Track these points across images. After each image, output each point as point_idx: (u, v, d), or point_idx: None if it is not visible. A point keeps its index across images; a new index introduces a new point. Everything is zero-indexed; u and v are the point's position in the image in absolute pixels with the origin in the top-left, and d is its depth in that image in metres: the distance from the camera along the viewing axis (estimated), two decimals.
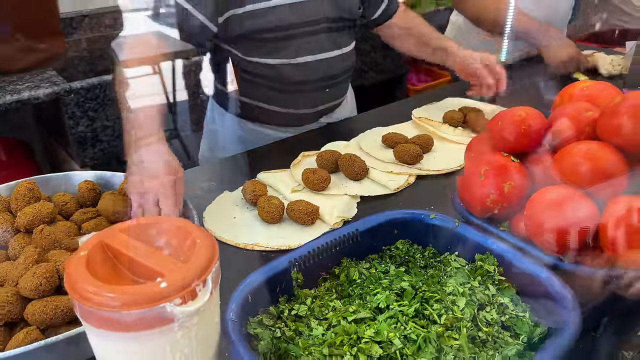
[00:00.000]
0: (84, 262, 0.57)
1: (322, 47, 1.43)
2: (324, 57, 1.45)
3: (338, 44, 1.47)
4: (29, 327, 0.77)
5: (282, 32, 1.36)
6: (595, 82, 0.97)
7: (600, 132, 0.82)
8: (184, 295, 0.55)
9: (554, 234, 0.74)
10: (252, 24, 1.32)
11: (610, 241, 0.73)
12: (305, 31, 1.39)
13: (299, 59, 1.41)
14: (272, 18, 1.33)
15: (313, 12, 1.38)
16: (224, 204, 1.21)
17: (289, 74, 1.43)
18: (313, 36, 1.41)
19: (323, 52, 1.44)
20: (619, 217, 0.74)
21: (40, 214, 0.99)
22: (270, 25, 1.33)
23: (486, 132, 0.92)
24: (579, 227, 0.73)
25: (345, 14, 1.45)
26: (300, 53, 1.41)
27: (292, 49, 1.39)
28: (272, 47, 1.38)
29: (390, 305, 0.69)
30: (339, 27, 1.46)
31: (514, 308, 0.73)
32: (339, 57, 1.49)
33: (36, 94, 1.78)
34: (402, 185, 1.27)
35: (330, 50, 1.46)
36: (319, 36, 1.42)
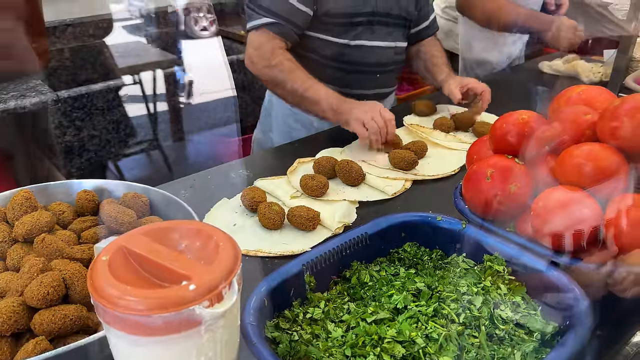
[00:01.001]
0: (107, 266, 0.56)
1: (376, 36, 1.62)
2: (378, 44, 1.63)
3: (393, 37, 1.66)
4: (37, 337, 0.75)
5: (347, 19, 1.55)
6: (591, 86, 1.00)
7: (600, 134, 0.85)
8: (212, 297, 0.55)
9: (560, 233, 0.76)
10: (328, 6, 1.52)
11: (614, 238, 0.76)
12: (366, 20, 1.58)
13: (357, 41, 1.59)
14: (344, 3, 1.53)
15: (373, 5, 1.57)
16: (223, 211, 1.21)
17: (347, 55, 1.60)
18: (370, 25, 1.60)
19: (376, 41, 1.62)
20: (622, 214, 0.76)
21: (39, 223, 0.97)
22: (340, 10, 1.54)
23: (488, 135, 0.94)
24: (584, 226, 0.75)
25: (403, 13, 1.65)
26: (359, 37, 1.59)
27: (352, 33, 1.58)
28: (337, 29, 1.57)
29: (409, 306, 0.69)
30: (393, 23, 1.65)
31: (526, 306, 0.74)
32: (391, 49, 1.67)
33: (22, 103, 1.74)
34: (399, 190, 1.29)
35: (381, 41, 1.64)
36: (374, 26, 1.61)
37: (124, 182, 1.15)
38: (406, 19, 1.69)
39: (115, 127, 2.05)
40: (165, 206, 1.10)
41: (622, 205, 0.77)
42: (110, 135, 2.03)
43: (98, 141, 2.01)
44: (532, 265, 0.77)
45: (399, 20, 1.66)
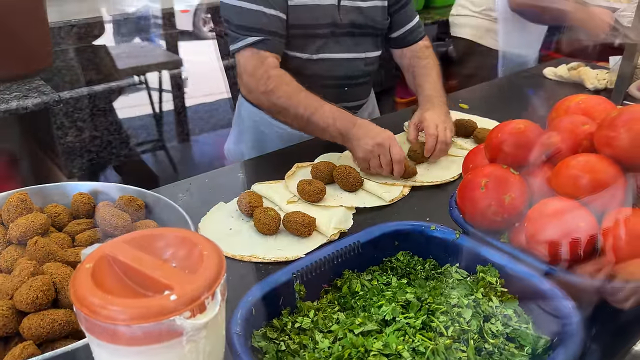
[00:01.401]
0: (90, 274, 0.56)
1: (342, 48, 1.55)
2: (343, 57, 1.57)
3: (361, 48, 1.59)
4: (25, 341, 0.75)
5: (308, 30, 1.49)
6: (590, 95, 0.99)
7: (598, 145, 0.83)
8: (194, 308, 0.54)
9: (554, 246, 0.75)
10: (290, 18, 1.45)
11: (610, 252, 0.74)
12: (329, 32, 1.51)
13: (320, 55, 1.53)
14: (304, 16, 1.46)
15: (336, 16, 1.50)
16: (219, 215, 1.20)
17: (310, 69, 1.54)
18: (335, 37, 1.53)
19: (342, 53, 1.56)
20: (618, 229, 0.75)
21: (34, 225, 0.97)
22: (300, 22, 1.47)
23: (484, 144, 0.93)
24: (578, 239, 0.74)
25: (370, 22, 1.57)
26: (321, 50, 1.53)
27: (314, 47, 1.52)
28: (297, 43, 1.50)
29: (397, 318, 0.68)
30: (361, 33, 1.58)
31: (517, 319, 0.73)
32: (359, 60, 1.60)
33: (25, 103, 1.75)
34: (397, 197, 1.28)
35: (347, 52, 1.57)
36: (339, 38, 1.54)
37: (120, 185, 1.15)
38: (374, 28, 1.60)
39: (117, 128, 2.05)
40: (160, 210, 1.10)
41: (619, 219, 0.76)
42: (112, 137, 2.04)
43: (100, 142, 2.01)
44: (525, 277, 0.76)
45: (366, 30, 1.58)
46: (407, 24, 1.69)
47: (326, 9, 1.48)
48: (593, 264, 0.77)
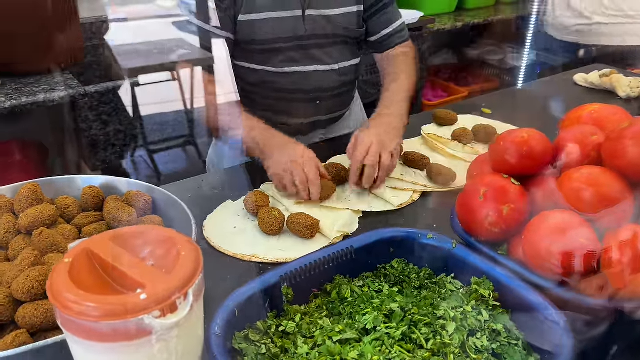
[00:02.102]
0: (67, 269, 0.57)
1: (311, 60, 1.46)
2: (312, 69, 1.47)
3: (332, 58, 1.49)
4: (18, 330, 0.77)
5: (268, 45, 1.41)
6: (605, 105, 0.95)
7: (605, 157, 0.80)
8: (164, 307, 0.54)
9: (551, 260, 0.73)
10: (243, 34, 1.39)
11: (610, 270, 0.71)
12: (293, 45, 1.42)
13: (286, 68, 1.44)
14: (260, 30, 1.38)
15: (300, 27, 1.41)
16: (225, 213, 1.21)
17: (277, 82, 1.46)
18: (301, 50, 1.44)
19: (311, 65, 1.46)
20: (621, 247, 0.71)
21: (42, 216, 0.99)
22: (257, 37, 1.39)
23: (488, 152, 0.90)
24: (576, 254, 0.71)
25: (340, 30, 1.46)
26: (287, 64, 1.44)
27: (278, 60, 1.43)
28: (260, 56, 1.43)
29: (378, 327, 0.67)
30: (333, 43, 1.47)
31: (507, 335, 0.71)
32: (333, 72, 1.50)
33: (51, 96, 1.80)
34: (405, 202, 1.26)
35: (317, 65, 1.47)
36: (307, 50, 1.44)
37: (130, 179, 1.17)
38: (346, 36, 1.49)
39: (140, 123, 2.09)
40: (166, 206, 1.11)
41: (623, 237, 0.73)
42: (135, 131, 2.08)
43: (123, 136, 2.06)
44: (519, 292, 0.74)
45: (337, 39, 1.48)
46: (385, 29, 1.54)
47: (287, 22, 1.40)
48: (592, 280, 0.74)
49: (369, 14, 1.52)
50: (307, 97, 1.51)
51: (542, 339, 0.70)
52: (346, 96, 1.62)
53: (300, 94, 1.50)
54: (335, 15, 1.44)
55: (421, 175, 1.38)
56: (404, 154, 1.44)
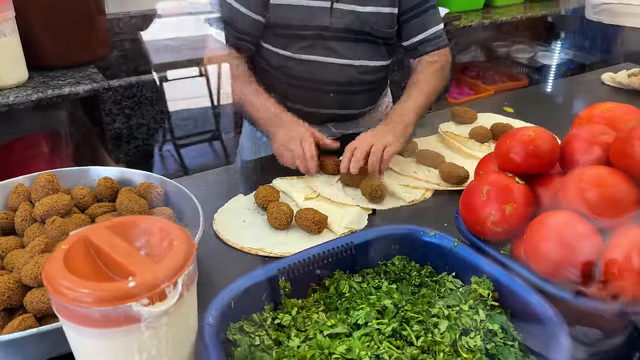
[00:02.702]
0: (63, 256, 0.59)
1: (330, 52, 1.46)
2: (329, 61, 1.47)
3: (355, 55, 1.47)
4: (25, 314, 0.80)
5: (292, 31, 1.43)
6: (619, 104, 0.92)
7: (613, 157, 0.78)
8: (152, 295, 0.55)
9: (551, 261, 0.71)
10: (273, 17, 1.42)
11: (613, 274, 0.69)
12: (315, 34, 1.43)
13: (303, 56, 1.45)
14: (288, 15, 1.41)
15: (326, 18, 1.42)
16: (236, 207, 1.22)
17: (294, 69, 1.48)
18: (324, 40, 1.44)
19: (330, 57, 1.46)
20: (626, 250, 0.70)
21: (57, 205, 1.02)
22: (284, 22, 1.42)
23: (494, 151, 0.89)
24: (577, 256, 0.70)
25: (367, 28, 1.45)
26: (306, 51, 1.45)
27: (297, 46, 1.45)
28: (283, 40, 1.45)
29: (369, 323, 0.67)
30: (356, 39, 1.46)
31: (503, 336, 0.70)
32: (352, 68, 1.48)
33: (76, 89, 1.85)
34: (417, 199, 1.25)
35: (336, 57, 1.47)
36: (328, 42, 1.44)
37: (143, 172, 1.19)
38: (374, 35, 1.46)
39: (163, 117, 2.13)
40: (178, 198, 1.13)
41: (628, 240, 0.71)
42: (157, 125, 2.12)
43: (146, 130, 2.10)
44: (518, 292, 0.72)
45: (362, 36, 1.46)
46: (418, 34, 1.50)
47: (315, 11, 1.40)
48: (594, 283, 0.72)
49: (405, 18, 1.49)
50: (323, 88, 1.50)
51: (540, 341, 0.69)
52: (366, 95, 1.60)
53: (316, 84, 1.50)
54: (365, 12, 1.43)
55: (435, 173, 1.36)
56: (419, 152, 1.43)
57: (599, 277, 0.70)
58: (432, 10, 1.50)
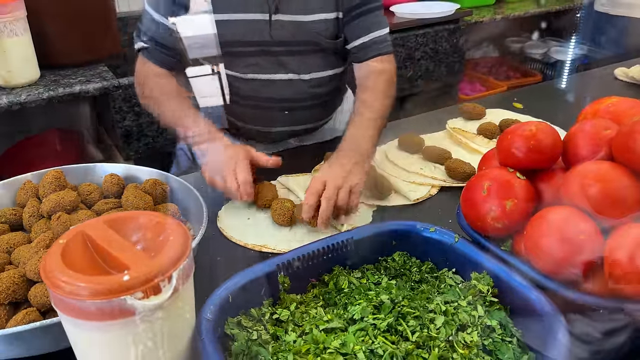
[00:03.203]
0: (60, 250, 0.59)
1: (278, 67, 1.38)
2: (277, 78, 1.39)
3: (303, 68, 1.39)
4: (30, 308, 0.81)
5: (232, 48, 1.35)
6: (625, 98, 0.90)
7: (616, 152, 0.76)
8: (146, 289, 0.56)
9: (551, 257, 0.70)
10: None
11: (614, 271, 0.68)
12: (259, 50, 1.35)
13: (249, 75, 1.38)
14: (223, 32, 1.31)
15: (265, 32, 1.33)
16: (240, 204, 1.23)
17: (241, 89, 1.41)
18: (267, 56, 1.36)
19: (277, 73, 1.38)
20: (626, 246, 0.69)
21: (63, 201, 1.04)
22: (220, 39, 1.32)
23: (496, 145, 0.88)
24: (577, 253, 0.69)
25: (313, 38, 1.35)
26: (252, 70, 1.37)
27: (243, 65, 1.37)
28: (225, 60, 1.37)
29: (365, 318, 0.67)
30: (304, 51, 1.38)
31: (502, 332, 0.69)
32: (302, 82, 1.41)
33: (87, 88, 1.87)
34: (423, 196, 1.24)
35: (284, 73, 1.38)
36: (275, 57, 1.36)
37: (149, 168, 1.20)
38: (321, 45, 1.37)
39: None
40: (183, 195, 1.14)
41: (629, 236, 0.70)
42: None
43: (156, 128, 2.11)
44: (517, 288, 0.72)
45: (309, 47, 1.37)
46: (361, 37, 1.38)
47: (251, 25, 1.31)
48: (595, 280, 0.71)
49: (347, 19, 1.37)
50: (276, 105, 1.43)
51: (539, 337, 0.69)
52: (323, 108, 1.53)
53: (268, 103, 1.42)
54: (310, 21, 1.33)
55: (441, 169, 1.35)
56: (425, 148, 1.42)
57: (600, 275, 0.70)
58: (377, 12, 1.38)
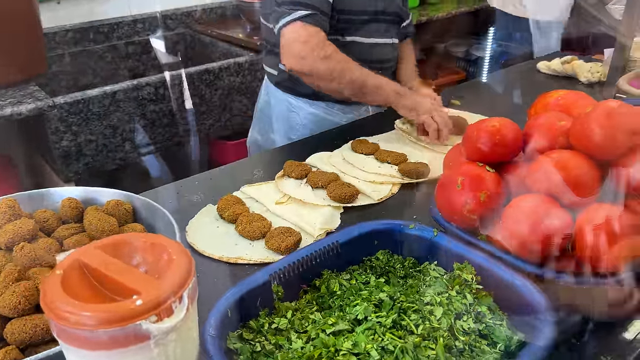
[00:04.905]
0: (60, 280, 0.57)
1: (377, 33, 1.65)
2: (377, 41, 1.66)
3: (389, 34, 1.69)
4: (8, 346, 0.77)
5: (348, 16, 1.57)
6: (570, 91, 0.99)
7: (573, 141, 0.84)
8: (160, 312, 0.55)
9: (529, 242, 0.76)
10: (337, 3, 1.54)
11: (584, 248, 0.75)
12: (367, 18, 1.60)
13: (355, 38, 1.60)
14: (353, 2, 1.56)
15: (380, 3, 1.62)
16: (206, 217, 1.21)
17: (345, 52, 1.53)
18: (370, 23, 1.62)
19: (377, 38, 1.65)
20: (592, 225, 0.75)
21: (21, 231, 0.98)
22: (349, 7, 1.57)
23: (462, 142, 0.93)
24: (552, 235, 0.74)
25: (399, 10, 1.70)
26: (356, 34, 1.60)
27: (351, 30, 1.59)
28: (336, 26, 1.56)
29: (369, 317, 0.69)
30: (391, 20, 1.68)
31: (492, 317, 0.73)
32: (390, 46, 1.71)
33: (19, 109, 1.77)
34: (385, 195, 1.29)
35: (382, 38, 1.67)
36: (375, 24, 1.64)
37: (108, 189, 1.16)
38: (399, 16, 1.72)
39: (112, 132, 2.07)
40: (148, 213, 1.11)
41: (593, 215, 0.76)
42: (107, 140, 2.05)
43: (95, 146, 2.03)
44: (500, 274, 0.77)
45: (393, 17, 1.70)
46: (409, 18, 1.81)
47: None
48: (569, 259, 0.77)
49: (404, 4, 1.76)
50: (370, 67, 1.59)
51: (524, 317, 0.73)
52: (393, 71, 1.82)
53: (365, 64, 1.57)
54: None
55: (396, 168, 1.40)
56: (379, 152, 1.46)
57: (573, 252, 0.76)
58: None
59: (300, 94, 1.71)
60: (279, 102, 1.75)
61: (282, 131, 1.77)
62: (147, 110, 2.22)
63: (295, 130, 1.74)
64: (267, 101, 1.81)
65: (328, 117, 1.73)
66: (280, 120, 1.77)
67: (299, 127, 1.74)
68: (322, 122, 1.72)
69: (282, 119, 1.76)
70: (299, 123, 1.74)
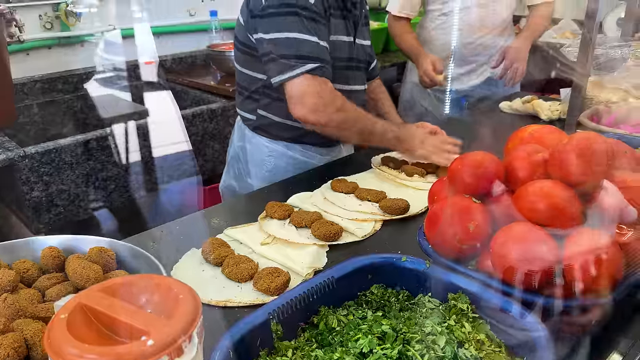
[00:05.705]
0: (65, 325, 0.56)
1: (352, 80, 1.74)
2: (352, 89, 1.73)
3: (360, 81, 1.79)
4: None
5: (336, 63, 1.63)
6: (542, 125, 1.05)
7: (551, 171, 0.88)
8: (171, 352, 0.54)
9: (520, 269, 0.78)
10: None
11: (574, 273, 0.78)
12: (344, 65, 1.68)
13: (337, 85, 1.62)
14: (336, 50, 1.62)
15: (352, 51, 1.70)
16: (191, 261, 1.20)
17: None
18: (347, 70, 1.71)
19: (352, 85, 1.74)
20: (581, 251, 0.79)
21: (2, 282, 0.95)
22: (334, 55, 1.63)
23: (447, 176, 0.97)
24: (541, 261, 0.77)
25: (367, 57, 1.81)
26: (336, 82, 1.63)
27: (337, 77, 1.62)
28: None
29: (374, 349, 0.69)
30: (360, 67, 1.77)
31: (490, 344, 0.75)
32: (362, 92, 1.80)
33: None
34: (369, 232, 1.30)
35: (357, 85, 1.77)
36: (350, 72, 1.72)
37: (90, 236, 1.14)
38: (368, 62, 1.82)
39: (84, 181, 2.04)
40: (132, 259, 1.09)
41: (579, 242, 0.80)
42: (79, 190, 2.02)
43: (67, 196, 1.99)
44: (494, 302, 0.79)
45: (364, 64, 1.79)
46: (374, 60, 1.92)
47: (344, 45, 1.66)
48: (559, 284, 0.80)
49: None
50: None
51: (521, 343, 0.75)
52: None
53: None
54: (365, 45, 1.78)
55: (377, 205, 1.43)
56: (358, 190, 1.49)
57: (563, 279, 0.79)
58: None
59: (277, 137, 1.73)
60: (256, 147, 1.77)
61: (260, 175, 1.79)
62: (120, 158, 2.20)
63: (272, 174, 1.76)
64: (241, 146, 1.83)
65: (305, 159, 1.76)
66: (257, 165, 1.79)
67: (277, 170, 1.76)
68: (300, 165, 1.75)
69: (258, 164, 1.78)
70: (276, 166, 1.76)
